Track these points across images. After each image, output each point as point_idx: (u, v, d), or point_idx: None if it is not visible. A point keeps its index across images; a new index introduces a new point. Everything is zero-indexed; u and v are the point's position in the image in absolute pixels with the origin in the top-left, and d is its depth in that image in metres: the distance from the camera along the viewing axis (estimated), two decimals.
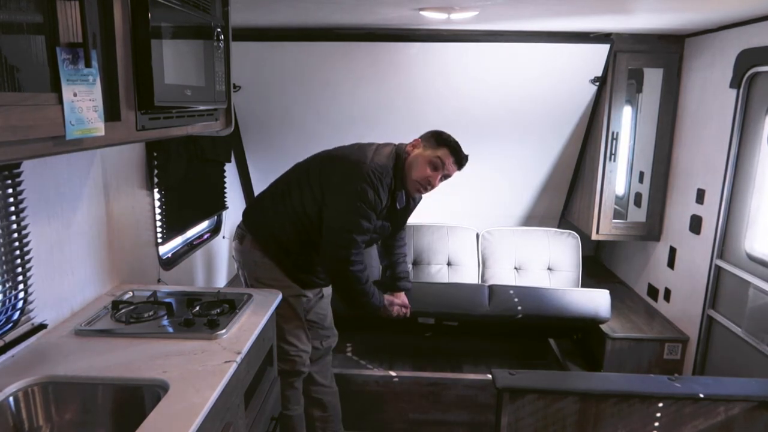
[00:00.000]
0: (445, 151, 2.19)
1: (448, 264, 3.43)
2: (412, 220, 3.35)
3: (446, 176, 2.25)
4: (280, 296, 2.13)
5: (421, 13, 2.40)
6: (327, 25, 2.92)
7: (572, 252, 3.42)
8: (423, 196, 2.40)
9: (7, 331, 1.58)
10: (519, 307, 2.86)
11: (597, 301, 2.89)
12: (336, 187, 2.17)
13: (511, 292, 2.91)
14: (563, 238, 3.46)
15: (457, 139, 2.24)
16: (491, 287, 2.94)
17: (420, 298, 2.80)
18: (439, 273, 3.40)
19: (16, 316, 1.63)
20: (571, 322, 2.96)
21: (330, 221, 2.17)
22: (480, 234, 3.50)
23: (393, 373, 2.86)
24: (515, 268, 3.43)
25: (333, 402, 2.61)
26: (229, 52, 1.91)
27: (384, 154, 2.23)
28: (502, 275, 3.40)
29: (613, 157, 3.25)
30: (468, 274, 3.41)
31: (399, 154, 2.25)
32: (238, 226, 2.40)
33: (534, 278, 3.39)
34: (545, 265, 3.41)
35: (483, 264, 3.45)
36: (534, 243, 3.45)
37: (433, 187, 2.25)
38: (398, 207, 2.34)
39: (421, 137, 2.27)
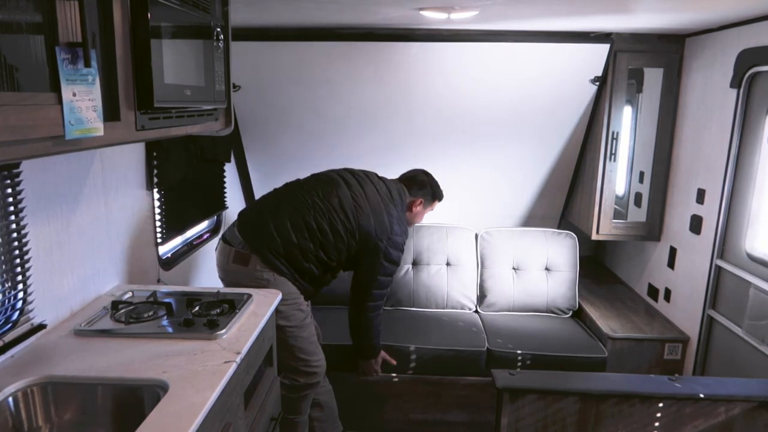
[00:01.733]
0: (437, 203, 2.73)
1: (447, 264, 3.43)
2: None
3: None
4: (280, 296, 2.13)
5: (421, 12, 2.40)
6: (327, 24, 2.92)
7: (570, 252, 3.42)
8: None
9: (6, 332, 1.58)
10: (518, 364, 2.89)
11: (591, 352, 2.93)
12: (384, 256, 2.41)
13: (511, 351, 2.90)
14: (561, 238, 3.46)
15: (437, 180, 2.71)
16: (489, 351, 2.91)
17: (415, 363, 2.85)
18: (438, 273, 3.40)
19: (15, 317, 1.63)
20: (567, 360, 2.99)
21: (370, 279, 2.43)
22: (479, 234, 3.50)
23: (393, 374, 2.86)
24: (513, 268, 3.43)
25: (328, 400, 2.61)
26: (229, 52, 1.90)
27: (405, 216, 2.57)
28: (501, 276, 3.40)
29: (613, 157, 3.25)
30: (467, 275, 3.42)
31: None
32: (235, 248, 2.30)
33: (532, 278, 3.39)
34: (543, 266, 3.41)
35: (482, 264, 3.44)
36: (532, 243, 3.45)
37: None
38: None
39: (421, 195, 2.63)
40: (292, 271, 2.31)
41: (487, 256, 3.45)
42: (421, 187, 2.63)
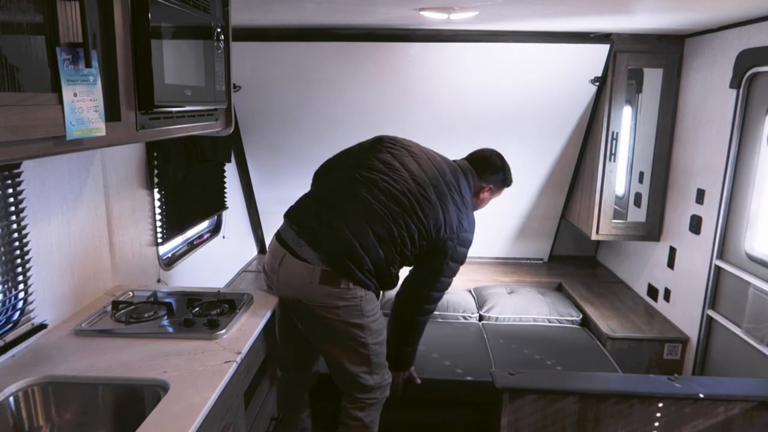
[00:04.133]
0: (505, 189, 2.46)
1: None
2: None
3: None
4: (279, 297, 2.12)
5: (421, 13, 2.41)
6: (327, 25, 2.92)
7: (566, 303, 3.44)
8: None
9: (7, 331, 1.58)
10: None
11: None
12: (451, 256, 2.19)
13: None
14: (554, 294, 3.55)
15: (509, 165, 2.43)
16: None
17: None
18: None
19: (16, 317, 1.63)
20: None
21: (432, 280, 2.21)
22: (472, 290, 3.61)
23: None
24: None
25: (307, 427, 2.53)
26: (229, 52, 1.91)
27: (471, 205, 2.31)
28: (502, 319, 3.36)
29: (613, 157, 3.25)
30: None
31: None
32: (319, 266, 2.01)
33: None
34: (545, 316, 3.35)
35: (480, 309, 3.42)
36: (527, 297, 3.47)
37: None
38: None
39: (492, 181, 2.36)
40: (377, 283, 2.14)
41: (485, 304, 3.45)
42: (494, 172, 2.34)
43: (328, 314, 2.05)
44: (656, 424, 2.04)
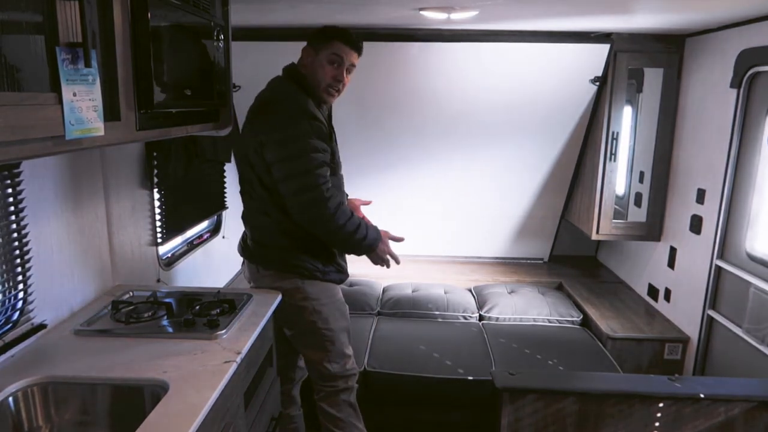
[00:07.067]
0: (338, 44, 2.06)
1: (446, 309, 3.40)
2: (412, 279, 3.53)
3: (352, 66, 2.13)
4: (280, 296, 2.12)
5: (421, 13, 2.40)
6: (327, 25, 2.92)
7: (566, 303, 3.44)
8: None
9: (6, 332, 1.58)
10: None
11: None
12: (279, 143, 2.00)
13: None
14: (554, 294, 3.54)
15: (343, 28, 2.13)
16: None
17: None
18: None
19: (15, 317, 1.63)
20: None
21: (287, 175, 2.00)
22: (473, 290, 3.62)
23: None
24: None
25: (298, 426, 2.54)
26: (229, 52, 1.91)
27: (282, 87, 2.13)
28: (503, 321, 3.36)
29: (613, 157, 3.25)
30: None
31: (293, 75, 2.12)
32: (281, 271, 2.17)
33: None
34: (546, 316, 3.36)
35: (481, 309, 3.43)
36: (527, 297, 3.47)
37: (344, 83, 2.11)
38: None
39: (308, 44, 2.11)
40: (293, 256, 2.13)
41: (485, 304, 3.45)
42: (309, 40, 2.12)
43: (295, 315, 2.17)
44: (656, 424, 2.04)
